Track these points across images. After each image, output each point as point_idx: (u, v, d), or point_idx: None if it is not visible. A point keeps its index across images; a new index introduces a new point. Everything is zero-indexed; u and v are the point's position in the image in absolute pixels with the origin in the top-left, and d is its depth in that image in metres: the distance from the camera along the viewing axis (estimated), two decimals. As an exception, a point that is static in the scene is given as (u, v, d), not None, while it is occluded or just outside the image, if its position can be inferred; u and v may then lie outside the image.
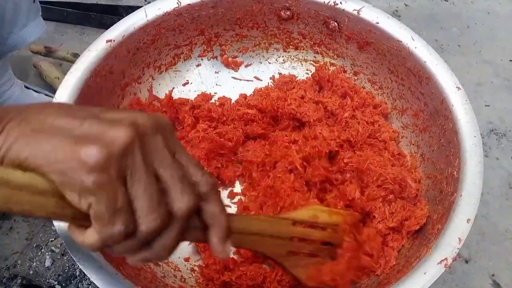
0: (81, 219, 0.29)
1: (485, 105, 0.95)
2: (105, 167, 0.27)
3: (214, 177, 0.61)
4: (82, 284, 0.67)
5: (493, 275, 0.75)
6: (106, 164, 0.27)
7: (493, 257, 0.76)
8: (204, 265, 0.55)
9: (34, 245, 0.71)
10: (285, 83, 0.69)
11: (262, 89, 0.69)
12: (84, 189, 0.27)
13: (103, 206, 0.27)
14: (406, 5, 1.10)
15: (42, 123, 0.28)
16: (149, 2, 0.65)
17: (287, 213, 0.46)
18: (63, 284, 0.67)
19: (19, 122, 0.29)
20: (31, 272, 0.68)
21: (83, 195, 0.27)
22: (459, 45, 1.03)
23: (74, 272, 0.68)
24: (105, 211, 0.27)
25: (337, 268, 0.46)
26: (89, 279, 0.67)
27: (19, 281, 0.67)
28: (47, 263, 0.69)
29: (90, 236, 0.29)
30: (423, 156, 0.62)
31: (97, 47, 0.59)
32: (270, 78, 0.72)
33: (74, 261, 0.68)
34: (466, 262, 0.76)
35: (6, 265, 0.68)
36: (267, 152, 0.62)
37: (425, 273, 0.46)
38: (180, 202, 0.29)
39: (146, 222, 0.28)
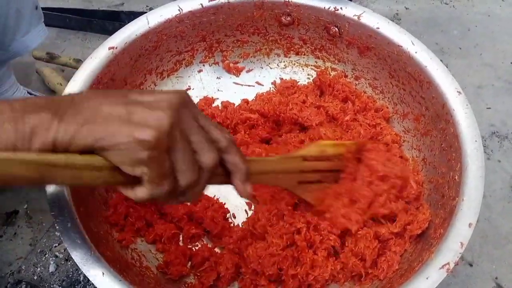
0: (129, 183, 0.36)
1: (487, 108, 0.95)
2: (156, 144, 0.34)
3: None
4: (86, 290, 0.68)
5: (496, 278, 0.75)
6: (157, 143, 0.34)
7: (496, 260, 0.76)
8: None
9: (38, 251, 0.71)
10: (286, 88, 0.69)
11: (264, 94, 0.69)
12: (140, 162, 0.34)
13: (155, 173, 0.35)
14: (406, 8, 1.11)
15: (95, 113, 0.34)
16: (151, 8, 0.65)
17: (298, 151, 0.52)
18: (67, 290, 0.67)
19: (73, 113, 0.34)
20: (35, 277, 0.69)
21: (138, 166, 0.34)
22: (460, 48, 1.04)
23: (78, 278, 0.69)
24: (156, 176, 0.35)
25: (340, 189, 0.54)
26: (93, 284, 0.67)
27: (23, 286, 0.67)
28: (51, 268, 0.69)
29: (140, 192, 0.36)
30: (425, 160, 0.62)
31: (100, 54, 0.59)
32: (272, 83, 0.72)
33: (78, 266, 0.69)
34: (470, 265, 0.76)
35: (11, 271, 0.69)
36: (276, 152, 0.62)
37: (427, 278, 0.46)
38: (208, 158, 0.38)
39: (185, 179, 0.37)
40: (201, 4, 0.65)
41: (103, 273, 0.45)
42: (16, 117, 0.33)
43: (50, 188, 0.50)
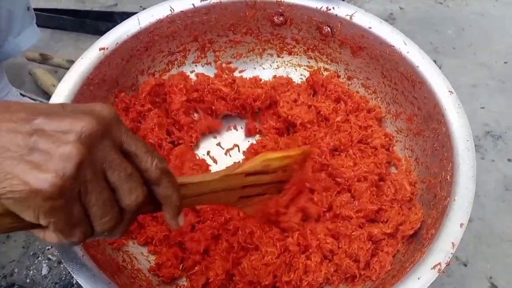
0: (39, 226, 0.31)
1: (481, 107, 0.95)
2: (59, 193, 0.29)
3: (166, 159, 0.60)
4: (79, 292, 0.67)
5: (490, 277, 0.75)
6: (59, 191, 0.29)
7: (490, 260, 0.76)
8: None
9: (31, 253, 0.71)
10: (281, 84, 0.69)
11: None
12: (43, 213, 0.29)
13: (61, 223, 0.30)
14: (401, 8, 1.11)
15: None
16: (144, 9, 0.65)
17: (241, 166, 0.47)
18: (60, 292, 0.67)
19: None
20: (28, 280, 0.68)
21: (41, 217, 0.29)
22: (454, 48, 1.04)
23: (71, 280, 0.68)
24: (64, 227, 0.30)
25: (281, 200, 0.50)
26: (85, 287, 0.67)
27: (16, 289, 0.67)
28: (44, 271, 0.69)
29: (51, 238, 0.31)
30: (417, 160, 0.62)
31: (90, 55, 0.59)
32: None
33: (70, 269, 0.68)
34: (464, 265, 0.76)
35: (3, 274, 0.69)
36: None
37: (419, 278, 0.46)
38: (128, 200, 0.32)
39: (101, 225, 0.32)
40: (192, 4, 0.65)
41: (93, 276, 0.45)
42: None
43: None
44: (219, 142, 0.68)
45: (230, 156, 0.67)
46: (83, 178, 0.30)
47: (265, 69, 0.73)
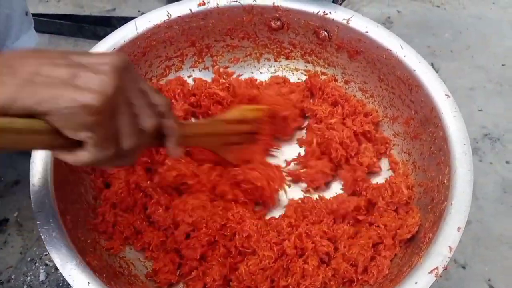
0: (69, 146, 0.36)
1: (478, 110, 0.95)
2: (101, 109, 0.34)
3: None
4: (76, 298, 0.67)
5: (489, 280, 0.75)
6: (102, 107, 0.33)
7: (489, 262, 0.76)
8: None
9: (28, 259, 0.71)
10: (277, 83, 0.69)
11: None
12: (85, 127, 0.34)
13: (100, 137, 0.35)
14: (398, 12, 1.11)
15: (34, 73, 0.33)
16: (143, 13, 0.65)
17: (222, 115, 0.60)
18: (57, 298, 0.67)
19: (10, 73, 0.33)
20: (25, 286, 0.68)
21: (82, 131, 0.34)
22: (451, 51, 1.04)
23: (69, 286, 0.68)
24: (101, 140, 0.35)
25: (255, 148, 0.62)
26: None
27: (13, 295, 0.67)
28: (41, 277, 0.69)
29: (82, 156, 0.36)
30: (415, 164, 0.62)
31: (88, 61, 0.59)
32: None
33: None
34: (463, 267, 0.76)
35: (0, 280, 0.68)
36: None
37: (416, 283, 0.46)
38: (148, 122, 0.39)
39: (128, 142, 0.37)
40: (190, 9, 0.65)
41: (88, 283, 0.45)
42: None
43: (36, 196, 0.49)
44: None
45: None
46: (117, 101, 0.35)
47: (262, 73, 0.73)
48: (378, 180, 0.63)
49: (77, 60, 0.35)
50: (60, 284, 0.68)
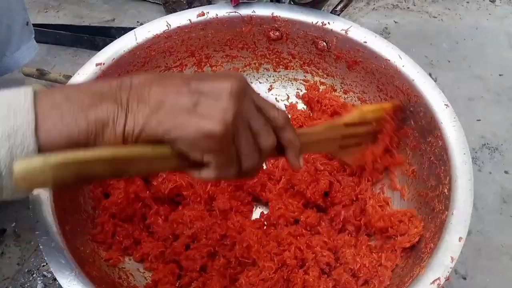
0: (195, 166, 0.38)
1: (477, 120, 0.95)
2: (223, 135, 0.36)
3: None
4: (74, 310, 0.66)
5: (490, 290, 0.75)
6: (224, 133, 0.35)
7: (489, 273, 0.76)
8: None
9: (26, 270, 0.70)
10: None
11: None
12: (209, 151, 0.36)
13: (222, 161, 0.37)
14: (395, 22, 1.12)
15: (160, 102, 0.35)
16: (142, 24, 0.65)
17: (342, 118, 0.56)
18: (54, 310, 0.66)
19: (138, 102, 0.35)
20: (22, 298, 0.67)
21: (207, 155, 0.37)
22: (449, 61, 1.05)
23: (66, 297, 0.67)
24: (223, 163, 0.38)
25: (377, 150, 0.59)
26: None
27: (9, 308, 0.66)
28: (39, 288, 0.68)
29: (206, 174, 0.38)
30: (414, 173, 0.62)
31: (86, 71, 0.59)
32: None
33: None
34: (464, 278, 0.75)
35: (-3, 292, 0.68)
36: None
37: (418, 294, 0.46)
38: (266, 142, 0.40)
39: (248, 162, 0.39)
40: (189, 19, 0.65)
41: (88, 294, 0.44)
42: (75, 109, 0.34)
43: (35, 206, 0.49)
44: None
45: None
46: (237, 126, 0.37)
47: (261, 83, 0.74)
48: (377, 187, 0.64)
49: (198, 87, 0.37)
50: (58, 296, 0.67)
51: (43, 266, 0.70)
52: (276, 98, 0.74)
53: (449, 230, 0.50)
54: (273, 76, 0.74)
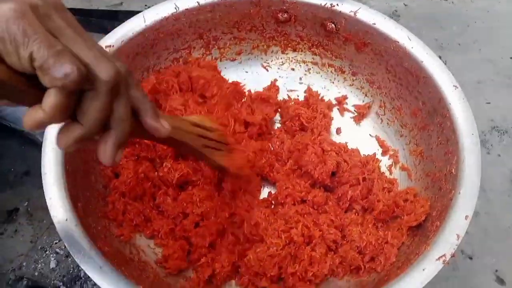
0: (31, 93, 0.29)
1: (486, 103, 0.95)
2: (24, 14, 0.27)
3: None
4: (87, 285, 0.68)
5: (496, 271, 0.75)
6: (23, 12, 0.27)
7: (496, 254, 0.76)
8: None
9: (39, 247, 0.72)
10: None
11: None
12: (18, 42, 0.27)
13: (43, 49, 0.27)
14: (405, 5, 1.11)
15: None
16: (149, 7, 0.65)
17: (185, 117, 0.54)
18: (68, 285, 0.68)
19: None
20: (36, 274, 0.69)
21: (20, 49, 0.27)
22: (459, 44, 1.04)
23: (79, 273, 0.69)
24: (47, 55, 0.27)
25: (243, 155, 0.59)
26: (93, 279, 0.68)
27: (24, 282, 0.68)
28: (52, 264, 0.70)
29: (47, 98, 0.28)
30: (422, 154, 0.62)
31: (97, 52, 0.60)
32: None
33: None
34: (470, 258, 0.76)
35: (12, 268, 0.70)
36: None
37: (424, 270, 0.47)
38: (112, 66, 0.30)
39: (104, 68, 0.30)
40: (197, 2, 0.65)
41: (100, 267, 0.45)
42: None
43: (48, 184, 0.50)
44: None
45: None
46: (45, 13, 0.29)
47: (270, 66, 0.74)
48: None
49: None
50: (71, 271, 0.69)
51: (56, 243, 0.72)
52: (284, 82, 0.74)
53: (456, 209, 0.50)
54: (281, 59, 0.74)
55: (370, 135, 0.69)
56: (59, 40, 0.29)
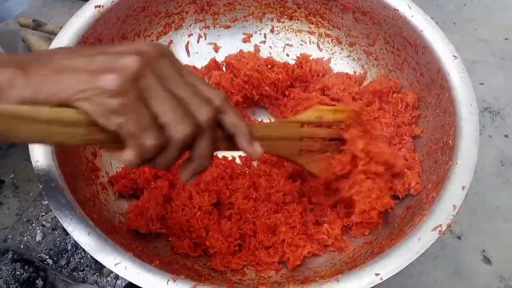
0: (113, 142, 0.32)
1: (480, 83, 0.94)
2: (124, 90, 0.30)
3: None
4: (74, 258, 0.66)
5: (483, 251, 0.75)
6: (124, 88, 0.30)
7: (484, 234, 0.77)
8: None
9: (25, 220, 0.70)
10: None
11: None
12: (111, 112, 0.30)
13: (131, 123, 0.31)
14: (402, -17, 1.09)
15: (59, 65, 0.31)
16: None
17: (295, 116, 0.50)
18: (55, 258, 0.66)
19: (37, 68, 0.31)
20: (22, 246, 0.67)
21: (111, 117, 0.31)
22: (454, 23, 1.02)
23: (66, 246, 0.67)
24: (134, 128, 0.31)
25: (345, 159, 0.51)
26: (81, 253, 0.66)
27: (10, 255, 0.66)
28: (38, 237, 0.68)
29: (128, 154, 0.33)
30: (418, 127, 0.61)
31: (85, 13, 0.57)
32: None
33: (65, 235, 0.67)
34: (458, 238, 0.76)
35: (-4, 240, 0.68)
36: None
37: (419, 239, 0.46)
38: (201, 114, 0.33)
39: (178, 131, 0.32)
40: (192, -36, 0.63)
41: (88, 233, 0.44)
42: None
43: (34, 149, 0.48)
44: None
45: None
46: (147, 84, 0.31)
47: (265, 34, 0.71)
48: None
49: (104, 49, 0.32)
50: (57, 244, 0.68)
51: (42, 216, 0.70)
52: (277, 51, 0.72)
53: (453, 179, 0.49)
54: (277, 27, 0.71)
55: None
56: (149, 102, 0.32)
